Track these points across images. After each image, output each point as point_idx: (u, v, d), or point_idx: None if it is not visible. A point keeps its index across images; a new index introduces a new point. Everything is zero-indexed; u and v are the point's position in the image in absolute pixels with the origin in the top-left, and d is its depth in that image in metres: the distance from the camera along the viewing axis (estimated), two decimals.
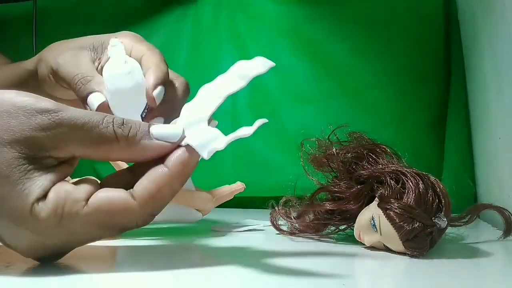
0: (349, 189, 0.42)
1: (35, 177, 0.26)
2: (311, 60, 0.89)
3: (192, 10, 0.96)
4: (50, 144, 0.26)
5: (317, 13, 0.90)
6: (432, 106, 0.84)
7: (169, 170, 0.28)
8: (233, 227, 0.51)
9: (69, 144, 0.27)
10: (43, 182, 0.26)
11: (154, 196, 0.27)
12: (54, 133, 0.26)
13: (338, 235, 0.45)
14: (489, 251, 0.40)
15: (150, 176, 0.28)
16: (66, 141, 0.26)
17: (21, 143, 0.25)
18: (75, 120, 0.26)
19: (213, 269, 0.32)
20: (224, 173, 0.85)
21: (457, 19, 0.83)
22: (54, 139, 0.26)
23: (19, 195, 0.25)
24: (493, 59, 0.63)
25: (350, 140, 0.45)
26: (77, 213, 0.26)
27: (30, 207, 0.25)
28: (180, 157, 0.28)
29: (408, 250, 0.36)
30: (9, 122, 0.25)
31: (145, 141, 0.28)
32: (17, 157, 0.25)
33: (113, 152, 0.28)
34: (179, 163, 0.28)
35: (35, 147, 0.26)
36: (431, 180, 0.37)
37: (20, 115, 0.26)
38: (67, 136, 0.26)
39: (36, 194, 0.25)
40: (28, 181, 0.25)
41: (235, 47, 0.93)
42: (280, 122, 0.87)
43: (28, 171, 0.26)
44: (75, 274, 0.28)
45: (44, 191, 0.26)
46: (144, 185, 0.27)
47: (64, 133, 0.26)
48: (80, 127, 0.26)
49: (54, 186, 0.26)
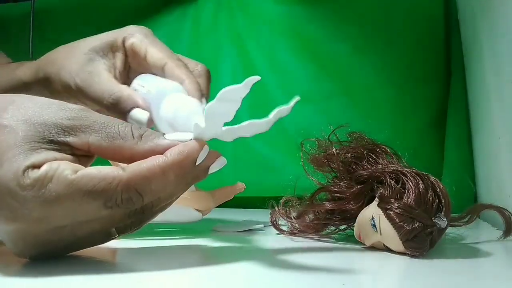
0: (349, 189, 0.42)
1: (43, 152, 0.27)
2: (311, 60, 0.89)
3: (192, 10, 0.96)
4: (72, 131, 0.28)
5: (317, 13, 0.90)
6: (432, 106, 0.84)
7: (166, 156, 0.28)
8: (233, 227, 0.51)
9: (88, 135, 0.28)
10: (48, 155, 0.27)
11: (144, 174, 0.27)
12: (78, 124, 0.28)
13: (338, 235, 0.45)
14: (489, 251, 0.40)
15: (146, 159, 0.28)
16: (86, 131, 0.28)
17: (47, 126, 0.28)
18: (99, 117, 0.29)
19: (213, 269, 0.32)
20: (224, 173, 0.84)
21: (457, 19, 0.83)
22: (76, 127, 0.28)
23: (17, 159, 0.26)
24: (493, 59, 0.63)
25: (350, 140, 0.45)
26: (65, 177, 0.26)
27: (24, 169, 0.26)
28: (179, 147, 0.29)
29: (408, 250, 0.36)
30: (41, 110, 0.28)
31: (157, 141, 0.29)
32: (37, 135, 0.27)
33: (125, 148, 0.29)
34: (177, 152, 0.29)
35: (57, 130, 0.28)
36: (431, 180, 0.37)
37: (53, 106, 0.29)
38: (88, 128, 0.28)
39: (34, 160, 0.26)
40: (35, 153, 0.27)
41: (235, 47, 0.93)
42: (280, 122, 0.87)
43: (41, 148, 0.27)
44: (75, 275, 0.28)
45: (44, 161, 0.26)
46: (138, 163, 0.28)
47: (86, 125, 0.28)
48: (101, 123, 0.29)
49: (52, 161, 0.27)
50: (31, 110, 0.28)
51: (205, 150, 0.30)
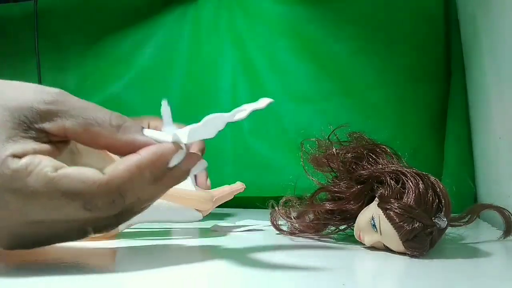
0: (349, 189, 0.42)
1: (20, 141, 0.27)
2: (311, 60, 0.89)
3: (192, 10, 0.96)
4: (48, 116, 0.28)
5: (317, 13, 0.90)
6: (432, 106, 0.84)
7: (140, 155, 0.28)
8: (233, 227, 0.51)
9: (64, 120, 0.28)
10: (26, 146, 0.27)
11: (123, 175, 0.27)
12: (55, 109, 0.28)
13: (338, 235, 0.45)
14: (489, 251, 0.40)
15: (122, 159, 0.28)
16: (63, 116, 0.28)
17: (23, 110, 0.27)
18: (77, 101, 0.28)
19: (213, 269, 0.32)
20: (224, 173, 0.85)
21: (457, 19, 0.83)
22: (53, 112, 0.28)
23: None
24: (493, 59, 0.63)
25: (350, 140, 0.45)
26: (45, 174, 0.26)
27: (4, 158, 0.26)
28: (154, 147, 0.29)
29: (408, 250, 0.36)
30: (17, 94, 0.27)
31: (135, 135, 0.29)
32: (13, 121, 0.27)
33: (102, 136, 0.29)
34: (151, 151, 0.29)
35: (33, 115, 0.27)
36: (431, 180, 0.37)
37: (29, 89, 0.28)
38: (65, 113, 0.28)
39: (14, 150, 0.26)
40: (12, 142, 0.26)
41: (235, 47, 0.93)
42: (280, 122, 0.87)
43: (17, 135, 0.27)
44: (75, 275, 0.28)
45: (23, 152, 0.26)
46: (115, 164, 0.28)
47: (64, 110, 0.28)
48: (79, 108, 0.28)
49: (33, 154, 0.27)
50: (7, 94, 0.27)
51: (181, 153, 0.30)
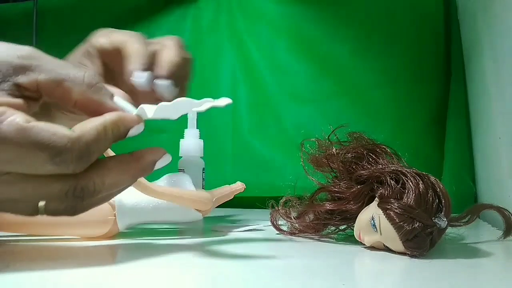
0: (349, 189, 0.42)
1: None
2: (311, 60, 0.89)
3: (192, 10, 0.97)
4: (22, 70, 0.28)
5: (317, 13, 0.90)
6: (432, 105, 0.84)
7: (105, 117, 0.29)
8: (233, 227, 0.51)
9: (37, 74, 0.28)
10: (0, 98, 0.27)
11: (92, 133, 0.28)
12: (29, 63, 0.28)
13: (338, 235, 0.45)
14: (489, 251, 0.40)
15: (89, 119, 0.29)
16: (36, 70, 0.28)
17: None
18: (52, 58, 0.29)
19: (213, 269, 0.32)
20: (224, 173, 0.85)
21: (457, 19, 0.83)
22: (27, 66, 0.28)
23: None
24: (493, 59, 0.63)
25: (350, 140, 0.45)
26: (17, 123, 0.26)
27: None
28: (118, 113, 0.30)
29: (408, 250, 0.36)
30: None
31: (105, 98, 0.30)
32: None
33: (73, 92, 0.29)
34: (115, 115, 0.29)
35: (7, 68, 0.28)
36: (431, 180, 0.37)
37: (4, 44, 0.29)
38: (39, 67, 0.28)
39: None
40: None
41: (235, 47, 0.93)
42: (280, 122, 0.87)
43: None
44: (75, 274, 0.28)
45: None
46: (82, 123, 0.28)
47: (37, 65, 0.28)
48: (53, 62, 0.29)
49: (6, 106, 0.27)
50: None
51: (140, 127, 0.31)
